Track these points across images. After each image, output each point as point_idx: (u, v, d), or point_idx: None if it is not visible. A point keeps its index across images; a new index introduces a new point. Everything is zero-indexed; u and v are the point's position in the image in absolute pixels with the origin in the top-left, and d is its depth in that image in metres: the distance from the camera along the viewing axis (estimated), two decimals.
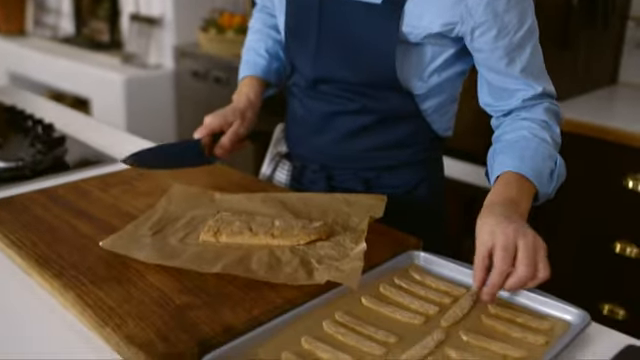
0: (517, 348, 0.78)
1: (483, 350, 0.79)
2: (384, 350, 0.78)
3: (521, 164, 0.99)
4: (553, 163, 1.03)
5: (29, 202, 1.17)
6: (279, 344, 0.78)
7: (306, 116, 1.26)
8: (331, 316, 0.84)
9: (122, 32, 3.61)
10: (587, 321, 0.82)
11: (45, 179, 1.34)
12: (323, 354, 0.77)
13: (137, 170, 1.31)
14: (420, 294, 0.91)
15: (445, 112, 1.23)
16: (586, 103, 2.12)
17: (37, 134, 1.57)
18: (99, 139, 1.61)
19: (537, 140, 1.03)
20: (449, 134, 1.27)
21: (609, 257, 1.92)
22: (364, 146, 1.21)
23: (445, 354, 0.78)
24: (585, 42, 2.13)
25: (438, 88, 1.17)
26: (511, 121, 1.09)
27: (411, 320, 0.84)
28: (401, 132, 1.20)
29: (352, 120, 1.20)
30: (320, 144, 1.25)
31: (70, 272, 0.91)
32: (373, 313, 0.86)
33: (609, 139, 1.86)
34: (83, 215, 1.11)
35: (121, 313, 0.81)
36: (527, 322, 0.84)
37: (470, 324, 0.84)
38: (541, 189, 1.00)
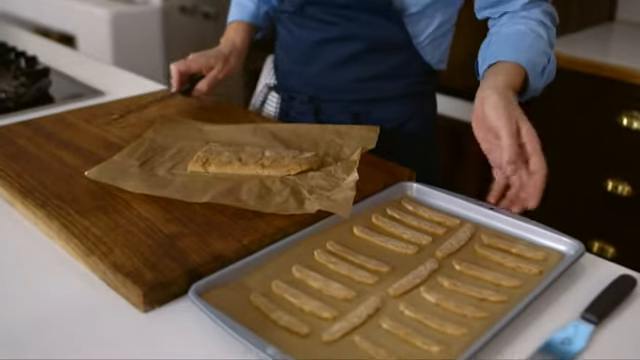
0: (511, 278, 0.77)
1: (476, 279, 0.78)
2: (376, 279, 0.77)
3: (517, 54, 0.98)
4: (546, 59, 1.02)
5: (12, 134, 1.14)
6: (269, 272, 0.77)
7: (294, 45, 1.23)
8: (322, 245, 0.83)
9: None
10: (581, 251, 0.81)
11: (29, 111, 1.31)
12: (314, 282, 0.76)
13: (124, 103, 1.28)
14: (413, 224, 0.90)
15: (438, 44, 1.19)
16: (582, 40, 2.08)
17: (20, 66, 1.52)
18: (84, 72, 1.57)
19: (533, 35, 1.02)
20: (442, 67, 1.24)
21: (600, 195, 1.92)
22: (353, 76, 1.18)
23: (438, 283, 0.77)
24: None
25: (432, 9, 1.13)
26: (508, 19, 1.07)
27: (404, 250, 0.83)
28: (392, 62, 1.17)
29: (340, 48, 1.17)
30: (308, 74, 1.22)
31: (54, 202, 0.89)
32: (365, 243, 0.85)
33: (605, 75, 1.83)
34: (68, 146, 1.08)
35: (108, 242, 0.79)
36: (522, 252, 0.83)
37: (464, 255, 0.83)
38: (532, 82, 0.99)
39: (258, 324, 0.69)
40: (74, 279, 0.78)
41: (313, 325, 0.70)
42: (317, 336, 0.68)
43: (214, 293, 0.73)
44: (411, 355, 0.65)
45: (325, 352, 0.66)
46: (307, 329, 0.69)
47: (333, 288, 0.75)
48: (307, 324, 0.69)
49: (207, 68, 1.24)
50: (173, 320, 0.71)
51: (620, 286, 0.76)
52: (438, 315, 0.71)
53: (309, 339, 0.68)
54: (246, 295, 0.74)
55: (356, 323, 0.70)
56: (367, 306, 0.72)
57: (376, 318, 0.71)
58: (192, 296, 0.71)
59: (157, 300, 0.72)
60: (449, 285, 0.76)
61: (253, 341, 0.65)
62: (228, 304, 0.71)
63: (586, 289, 0.76)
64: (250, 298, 0.73)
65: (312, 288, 0.76)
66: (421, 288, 0.76)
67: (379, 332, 0.69)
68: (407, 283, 0.76)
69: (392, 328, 0.69)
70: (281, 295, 0.74)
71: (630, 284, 0.76)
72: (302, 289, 0.75)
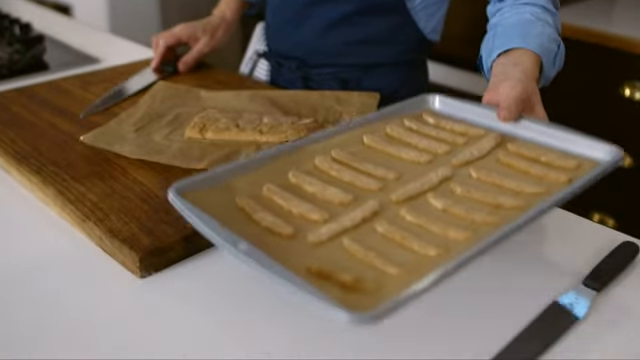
0: (535, 185, 0.69)
1: (495, 187, 0.70)
2: (380, 185, 0.70)
3: (526, 41, 0.90)
4: (556, 46, 0.96)
5: (6, 101, 1.12)
6: (263, 176, 0.71)
7: (284, 5, 1.21)
8: (327, 153, 0.76)
9: None
10: (618, 158, 0.74)
11: (23, 78, 1.29)
12: (309, 187, 0.69)
13: (119, 70, 1.26)
14: (431, 134, 0.82)
15: (433, 12, 1.17)
16: (586, 9, 2.05)
17: (14, 33, 1.50)
18: (79, 40, 1.54)
19: (541, 22, 0.96)
20: (436, 38, 1.21)
21: None
22: (343, 39, 1.14)
23: (450, 189, 0.69)
24: None
25: None
26: (510, 7, 1.02)
27: (417, 158, 0.76)
28: (384, 26, 1.14)
29: (331, 9, 1.14)
30: (298, 37, 1.20)
31: (50, 168, 0.87)
32: (374, 152, 0.77)
33: (609, 45, 1.81)
34: (63, 113, 1.07)
35: (104, 208, 0.78)
36: (552, 161, 0.74)
37: (485, 163, 0.75)
38: (546, 70, 0.93)
39: (238, 224, 0.63)
40: (70, 246, 0.77)
41: (299, 227, 0.63)
42: (302, 237, 0.62)
43: (197, 194, 0.66)
44: (404, 258, 0.59)
45: (307, 253, 0.60)
46: (291, 230, 0.62)
47: (329, 192, 0.69)
48: (293, 225, 0.63)
49: (194, 39, 1.24)
50: (170, 286, 0.70)
51: (622, 253, 0.75)
52: (443, 220, 0.64)
53: (293, 240, 0.62)
54: (232, 197, 0.67)
55: (348, 226, 0.63)
56: (364, 209, 0.66)
57: (372, 222, 0.64)
58: (171, 194, 0.64)
59: (153, 266, 0.71)
60: (462, 192, 0.69)
61: (225, 236, 0.59)
62: (209, 203, 0.65)
63: (588, 256, 0.75)
64: (235, 199, 0.67)
65: (306, 192, 0.69)
66: (429, 194, 0.68)
67: (373, 236, 0.62)
68: (413, 189, 0.69)
69: (388, 232, 0.63)
70: (270, 198, 0.68)
71: (632, 251, 0.76)
72: (295, 193, 0.69)
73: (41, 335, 0.63)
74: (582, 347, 0.62)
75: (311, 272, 0.57)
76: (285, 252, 0.59)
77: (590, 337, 0.63)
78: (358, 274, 0.57)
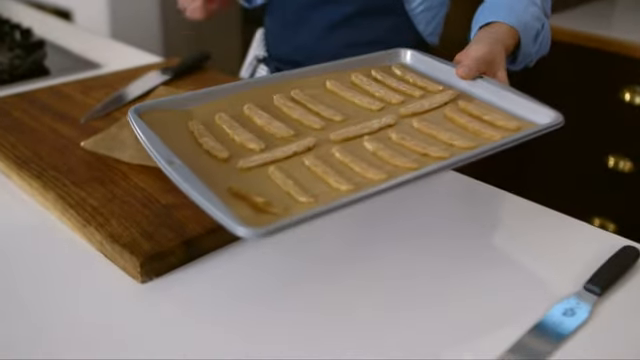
0: (467, 140, 0.72)
1: (430, 137, 0.74)
2: (323, 124, 0.76)
3: (509, 17, 0.94)
4: (540, 25, 0.99)
5: (7, 106, 1.12)
6: (220, 106, 0.78)
7: (285, 8, 1.21)
8: (287, 92, 0.83)
9: None
10: (555, 123, 0.75)
11: (24, 84, 1.29)
12: (258, 120, 0.76)
13: (120, 75, 1.26)
14: (392, 85, 0.87)
15: (432, 15, 1.17)
16: (585, 13, 2.05)
17: (15, 38, 1.50)
18: (80, 45, 1.54)
19: (528, 1, 0.99)
20: (435, 41, 1.22)
21: (602, 171, 1.90)
22: (343, 41, 1.13)
23: (386, 135, 0.74)
24: None
25: None
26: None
27: (369, 105, 0.81)
28: (383, 28, 1.14)
29: (331, 11, 1.14)
30: (298, 40, 1.19)
31: (50, 173, 0.87)
32: (332, 96, 0.84)
33: (608, 50, 1.81)
34: (64, 118, 1.07)
35: (104, 212, 0.78)
36: (494, 120, 0.77)
37: (430, 116, 0.79)
38: (524, 45, 0.96)
39: (182, 145, 0.70)
40: (71, 251, 0.77)
41: (236, 153, 0.70)
42: (234, 162, 0.68)
43: (155, 115, 0.73)
44: (318, 191, 0.63)
45: (234, 176, 0.66)
46: (227, 155, 0.69)
47: (274, 126, 0.75)
48: (230, 151, 0.70)
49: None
50: (171, 291, 0.70)
51: (623, 257, 0.75)
52: (368, 162, 0.69)
53: (225, 164, 0.68)
54: (186, 121, 0.75)
55: (278, 157, 0.69)
56: (298, 144, 0.72)
57: (302, 156, 0.70)
58: (130, 113, 0.72)
59: (154, 271, 0.71)
60: (396, 139, 0.73)
61: (161, 151, 0.65)
62: (163, 124, 0.72)
63: (589, 261, 0.75)
64: (188, 123, 0.74)
65: (255, 124, 0.76)
66: (365, 137, 0.74)
67: (298, 168, 0.68)
68: (352, 131, 0.75)
69: (312, 165, 0.68)
70: (220, 125, 0.75)
71: (633, 255, 0.75)
72: (243, 123, 0.76)
73: (41, 339, 0.63)
74: (583, 351, 0.62)
75: (231, 192, 0.63)
76: (214, 173, 0.66)
77: (592, 341, 0.63)
78: (271, 198, 0.62)
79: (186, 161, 0.65)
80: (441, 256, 0.77)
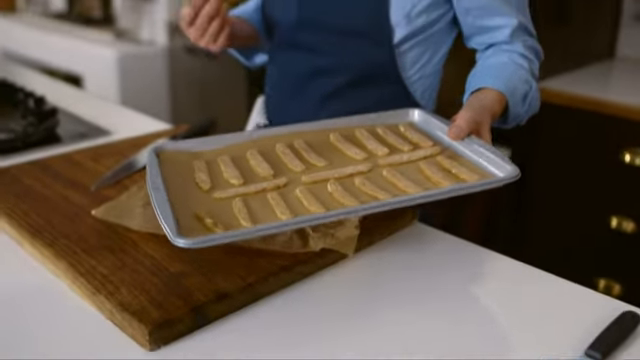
0: (421, 189, 0.81)
1: (389, 185, 0.83)
2: (303, 168, 0.86)
3: (497, 82, 1.02)
4: (528, 87, 1.07)
5: (20, 173, 1.15)
6: (228, 150, 0.92)
7: (282, 80, 1.24)
8: (290, 141, 0.93)
9: (114, 7, 3.57)
10: (509, 178, 0.81)
11: (37, 151, 1.33)
12: (252, 162, 0.88)
13: (130, 143, 1.30)
14: (387, 140, 0.94)
15: (429, 83, 1.20)
16: (583, 77, 2.11)
17: (28, 106, 1.55)
18: (91, 112, 1.59)
19: (515, 66, 1.08)
20: (431, 107, 1.24)
21: (605, 232, 1.92)
22: (340, 111, 1.14)
23: (350, 180, 0.84)
24: (581, 15, 2.11)
25: (419, 40, 1.14)
26: (493, 52, 1.13)
27: (355, 155, 0.90)
28: (380, 97, 1.17)
29: (328, 82, 1.18)
30: (296, 109, 1.22)
31: (62, 241, 0.90)
32: (331, 147, 0.93)
33: (606, 112, 1.85)
34: (75, 185, 1.10)
35: (114, 281, 0.80)
36: (460, 173, 0.85)
37: (404, 167, 0.87)
38: (513, 107, 1.03)
39: (180, 177, 0.85)
40: (80, 318, 0.78)
41: (219, 186, 0.83)
42: (212, 193, 0.82)
43: (170, 153, 0.90)
44: (263, 219, 0.76)
45: (206, 203, 0.80)
46: (209, 186, 0.83)
47: (261, 167, 0.87)
48: (214, 184, 0.83)
49: None
50: (179, 359, 0.71)
51: (624, 323, 0.76)
52: (322, 201, 0.79)
53: (205, 194, 0.82)
54: (193, 159, 0.89)
55: (249, 191, 0.82)
56: (270, 182, 0.83)
57: (269, 192, 0.82)
58: (149, 151, 0.89)
59: (163, 339, 0.73)
60: (357, 184, 0.83)
61: (152, 177, 0.81)
62: (172, 160, 0.88)
63: (590, 326, 0.76)
64: (193, 162, 0.88)
65: (248, 165, 0.88)
66: (331, 181, 0.83)
67: (260, 201, 0.80)
68: (323, 175, 0.84)
69: (271, 199, 0.80)
70: (218, 164, 0.88)
71: (634, 321, 0.77)
72: (238, 164, 0.88)
73: None
74: None
75: (195, 215, 0.77)
76: (193, 200, 0.80)
77: None
78: (221, 221, 0.76)
79: (174, 189, 0.81)
80: (441, 320, 0.78)
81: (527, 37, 1.14)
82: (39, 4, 4.16)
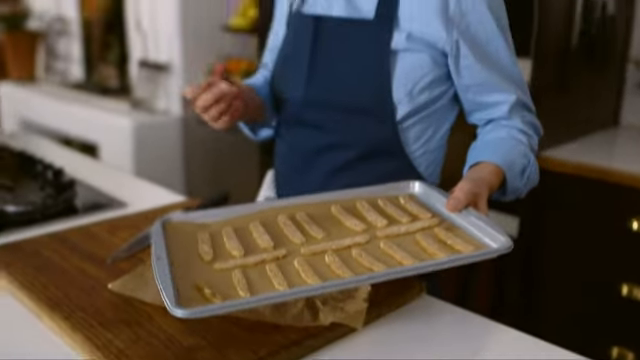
0: (416, 259, 0.84)
1: (386, 256, 0.86)
2: (303, 240, 0.89)
3: (495, 156, 1.08)
4: (526, 161, 1.12)
5: (39, 246, 1.19)
6: (232, 222, 0.96)
7: (291, 155, 1.28)
8: (292, 213, 0.96)
9: (131, 77, 3.68)
10: (502, 250, 0.85)
11: (55, 223, 1.37)
12: (255, 233, 0.92)
13: (145, 215, 1.34)
14: (386, 212, 0.98)
15: (433, 158, 1.24)
16: (588, 145, 2.14)
17: (47, 178, 1.60)
18: (107, 183, 1.63)
19: (513, 140, 1.13)
20: (435, 181, 1.27)
21: (616, 300, 1.91)
22: (347, 185, 1.17)
23: (348, 252, 0.87)
24: (585, 85, 2.16)
25: (422, 116, 1.18)
26: (492, 127, 1.18)
27: (354, 227, 0.93)
28: (385, 171, 1.19)
29: (335, 156, 1.21)
30: (304, 184, 1.25)
31: (79, 314, 0.92)
32: (332, 219, 0.97)
33: (612, 181, 1.87)
34: (92, 258, 1.13)
35: (130, 355, 0.82)
36: (454, 245, 0.88)
37: (401, 239, 0.90)
38: (511, 180, 1.08)
39: (184, 248, 0.89)
40: None
41: (220, 256, 0.87)
42: (213, 264, 0.86)
43: (177, 225, 0.95)
44: (260, 290, 0.79)
45: (206, 274, 0.83)
46: (210, 258, 0.86)
47: (262, 239, 0.90)
48: (215, 255, 0.87)
49: None
50: None
51: None
52: (319, 273, 0.82)
53: (207, 264, 0.85)
54: (198, 231, 0.93)
55: (249, 263, 0.85)
56: (269, 254, 0.87)
57: (269, 264, 0.85)
58: (157, 222, 0.95)
59: None
60: (354, 255, 0.85)
61: (157, 248, 0.86)
62: (178, 231, 0.93)
63: None
64: (198, 233, 0.92)
65: (250, 236, 0.92)
66: (328, 252, 0.86)
67: (258, 272, 0.84)
68: (321, 247, 0.87)
69: (270, 271, 0.83)
70: (222, 236, 0.92)
71: None
72: (241, 235, 0.92)
73: None
74: None
75: (194, 286, 0.81)
76: (193, 270, 0.84)
77: None
78: (218, 292, 0.79)
79: (178, 259, 0.86)
80: None
81: (526, 113, 1.18)
82: (58, 74, 4.29)
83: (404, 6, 1.13)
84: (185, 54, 3.29)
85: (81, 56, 4.17)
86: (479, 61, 1.14)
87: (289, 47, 1.25)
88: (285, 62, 1.25)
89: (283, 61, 1.26)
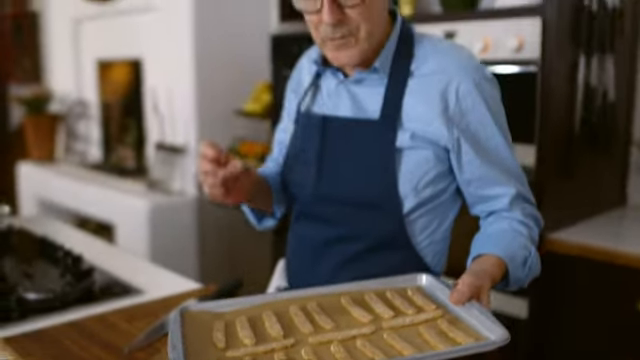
0: (417, 350, 0.89)
1: (389, 347, 0.91)
2: (311, 330, 0.95)
3: (497, 248, 1.13)
4: (527, 252, 1.16)
5: (59, 334, 1.23)
6: (247, 312, 1.01)
7: (302, 247, 1.33)
8: (304, 304, 1.02)
9: (147, 159, 3.78)
10: (500, 342, 0.89)
11: (73, 310, 1.41)
12: (267, 323, 0.97)
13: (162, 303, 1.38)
14: (393, 303, 1.03)
15: (439, 248, 1.29)
16: (594, 227, 2.17)
17: (67, 265, 1.65)
18: (124, 269, 1.68)
19: (514, 233, 1.18)
20: (441, 271, 1.32)
21: None
22: (356, 275, 1.21)
23: (353, 343, 0.92)
24: (589, 168, 2.21)
25: (427, 209, 1.23)
26: (494, 219, 1.23)
27: (361, 318, 0.98)
28: (392, 260, 1.24)
29: (344, 248, 1.26)
30: (315, 274, 1.29)
31: None
32: (341, 309, 1.02)
33: (620, 263, 1.89)
34: (109, 347, 1.17)
35: None
36: (456, 337, 0.93)
37: (405, 330, 0.95)
38: (513, 271, 1.12)
39: (198, 336, 0.94)
40: None
41: (232, 345, 0.92)
42: (226, 352, 0.90)
43: (195, 314, 1.00)
44: None
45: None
46: (223, 345, 0.91)
47: (273, 328, 0.95)
48: (229, 343, 0.92)
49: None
50: None
51: None
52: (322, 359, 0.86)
53: (220, 351, 0.90)
54: (214, 320, 0.98)
55: (259, 351, 0.90)
56: (279, 343, 0.91)
57: (277, 352, 0.90)
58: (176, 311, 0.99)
59: None
60: (360, 346, 0.90)
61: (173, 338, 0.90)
62: (195, 320, 0.98)
63: None
64: (214, 322, 0.97)
65: (263, 326, 0.97)
66: (335, 342, 0.91)
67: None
68: (329, 336, 0.92)
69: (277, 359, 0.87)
70: (236, 325, 0.97)
71: None
72: (254, 324, 0.97)
73: None
74: None
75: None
76: (205, 358, 0.89)
77: None
78: None
79: (192, 347, 0.91)
80: None
81: (526, 205, 1.24)
82: (77, 154, 4.41)
83: (407, 107, 1.20)
84: (201, 137, 3.39)
85: (100, 138, 4.31)
86: (479, 157, 1.20)
87: (298, 144, 1.32)
88: (295, 159, 1.32)
89: (293, 158, 1.33)
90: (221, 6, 3.41)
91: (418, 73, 1.21)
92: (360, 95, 1.25)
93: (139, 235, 3.32)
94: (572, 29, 2.00)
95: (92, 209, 3.76)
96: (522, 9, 1.98)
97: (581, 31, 2.01)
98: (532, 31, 1.93)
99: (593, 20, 2.02)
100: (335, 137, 1.25)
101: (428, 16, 2.35)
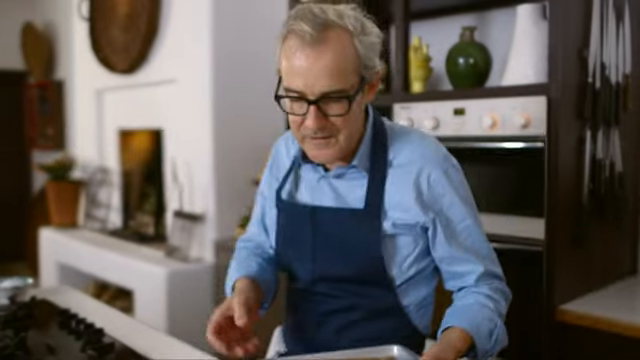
0: None
1: None
2: None
3: (461, 321, 1.22)
4: (493, 325, 1.25)
5: None
6: None
7: (304, 318, 1.44)
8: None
9: (166, 226, 3.86)
10: None
11: None
12: None
13: None
14: None
15: (424, 312, 1.42)
16: (607, 297, 2.17)
17: (88, 339, 1.69)
18: (144, 344, 1.72)
19: (479, 306, 1.27)
20: (428, 331, 1.44)
21: None
22: (352, 339, 1.37)
23: None
24: (599, 238, 2.23)
25: (415, 280, 1.37)
26: (463, 294, 1.33)
27: None
28: (385, 326, 1.37)
29: (343, 317, 1.38)
30: (313, 341, 1.41)
31: None
32: None
33: (632, 335, 1.89)
34: None
35: None
36: None
37: None
38: (479, 343, 1.20)
39: None
40: None
41: None
42: None
43: None
44: None
45: None
46: None
47: None
48: None
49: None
50: None
51: None
52: None
53: None
54: None
55: None
56: None
57: None
58: None
59: None
60: None
61: None
62: None
63: None
64: None
65: None
66: None
67: None
68: None
69: None
70: None
71: None
72: None
73: None
74: None
75: None
76: None
77: None
78: None
79: None
80: None
81: (494, 280, 1.34)
82: (98, 221, 4.50)
83: (388, 195, 1.33)
84: (218, 206, 3.47)
85: (120, 204, 4.40)
86: (450, 238, 1.33)
87: (289, 230, 1.43)
88: (290, 244, 1.44)
89: (287, 243, 1.43)
90: (239, 80, 3.53)
91: (396, 163, 1.35)
92: (340, 188, 1.38)
93: (157, 300, 3.37)
94: (577, 106, 2.06)
95: (112, 275, 3.82)
96: (528, 87, 2.05)
97: (586, 107, 2.07)
98: (538, 108, 2.00)
99: (597, 96, 2.08)
100: (325, 224, 1.37)
101: (438, 94, 2.43)
